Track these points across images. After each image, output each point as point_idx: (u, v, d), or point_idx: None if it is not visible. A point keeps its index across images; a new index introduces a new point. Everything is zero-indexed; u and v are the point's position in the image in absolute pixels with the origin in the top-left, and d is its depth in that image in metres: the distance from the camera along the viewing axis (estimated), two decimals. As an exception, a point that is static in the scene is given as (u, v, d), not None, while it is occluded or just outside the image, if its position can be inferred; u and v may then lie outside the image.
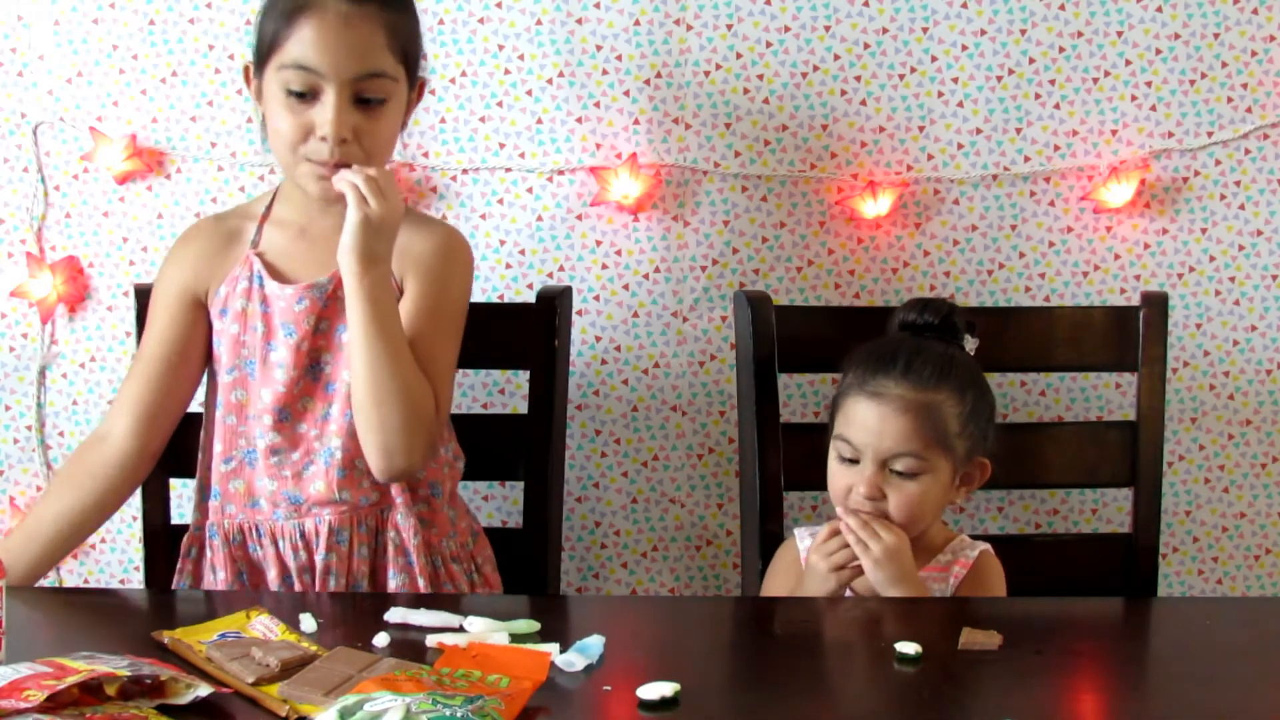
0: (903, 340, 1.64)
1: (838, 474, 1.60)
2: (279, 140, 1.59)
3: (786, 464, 1.81)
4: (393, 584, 1.64)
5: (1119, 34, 2.01)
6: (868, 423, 1.57)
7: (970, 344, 1.68)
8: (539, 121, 2.03)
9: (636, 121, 2.03)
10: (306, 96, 1.56)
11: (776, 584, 1.68)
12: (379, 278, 1.54)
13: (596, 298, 2.06)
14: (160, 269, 1.72)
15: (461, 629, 1.31)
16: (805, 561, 1.60)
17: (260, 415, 1.64)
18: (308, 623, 1.32)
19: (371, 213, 1.52)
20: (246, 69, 1.65)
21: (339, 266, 1.55)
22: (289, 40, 1.55)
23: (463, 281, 1.69)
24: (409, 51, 1.62)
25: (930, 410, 1.57)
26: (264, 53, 1.58)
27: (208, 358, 1.70)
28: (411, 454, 1.57)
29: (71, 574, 2.09)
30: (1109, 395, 2.07)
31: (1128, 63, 2.02)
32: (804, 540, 1.66)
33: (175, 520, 1.81)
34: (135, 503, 1.78)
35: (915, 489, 1.56)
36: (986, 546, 1.63)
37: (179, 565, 1.70)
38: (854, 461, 1.58)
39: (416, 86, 1.67)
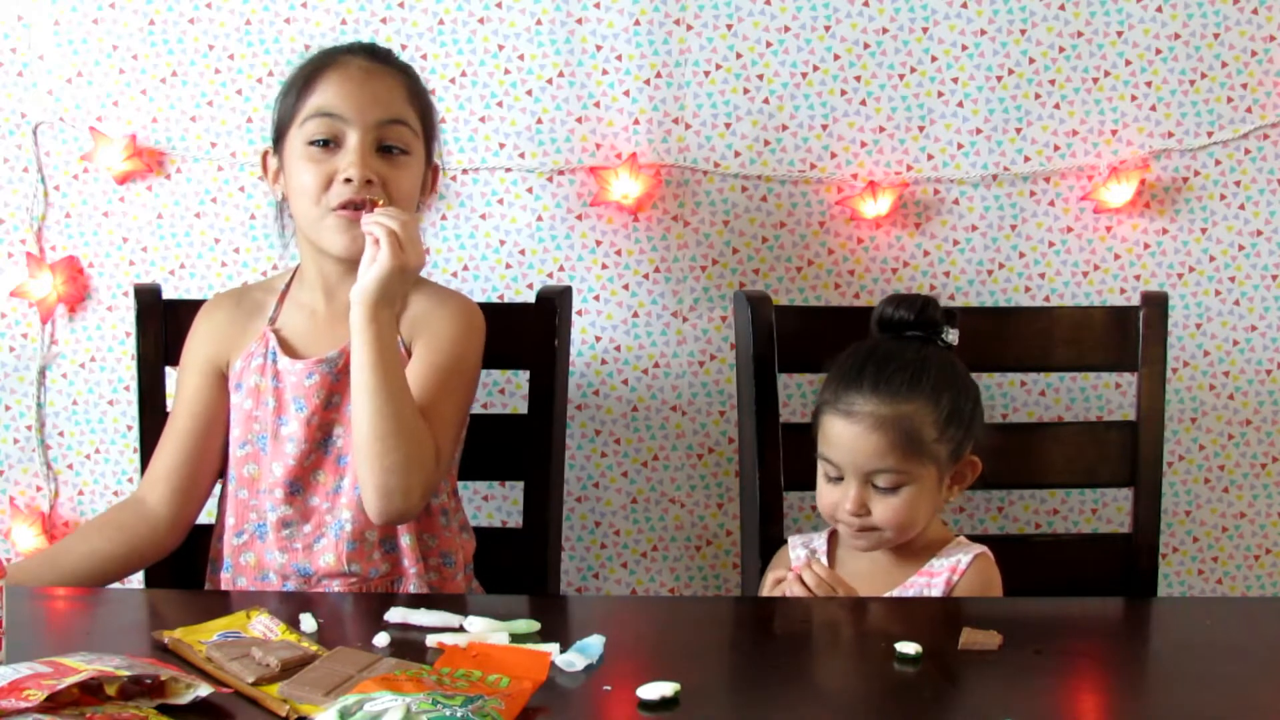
0: (873, 350, 1.61)
1: (825, 491, 1.60)
2: (303, 196, 1.60)
3: (786, 464, 1.81)
4: None
5: (1119, 34, 2.01)
6: (843, 442, 1.57)
7: (951, 335, 1.65)
8: (539, 121, 2.03)
9: (636, 121, 2.03)
10: (330, 145, 1.58)
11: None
12: (387, 321, 1.54)
13: (596, 298, 2.06)
14: (187, 341, 1.73)
15: (461, 629, 1.31)
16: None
17: (272, 489, 1.65)
18: (308, 623, 1.32)
19: (400, 260, 1.50)
20: (264, 155, 1.68)
21: (351, 306, 1.53)
22: (311, 96, 1.59)
23: (475, 347, 1.69)
24: (426, 115, 1.66)
25: (903, 423, 1.55)
26: (285, 122, 1.61)
27: None
28: (409, 495, 1.54)
29: (71, 574, 2.09)
30: (1109, 395, 2.07)
31: (1128, 63, 2.02)
32: (795, 549, 1.66)
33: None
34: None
35: (899, 501, 1.56)
36: (983, 550, 1.60)
37: None
38: (839, 479, 1.58)
39: (432, 168, 1.69)
